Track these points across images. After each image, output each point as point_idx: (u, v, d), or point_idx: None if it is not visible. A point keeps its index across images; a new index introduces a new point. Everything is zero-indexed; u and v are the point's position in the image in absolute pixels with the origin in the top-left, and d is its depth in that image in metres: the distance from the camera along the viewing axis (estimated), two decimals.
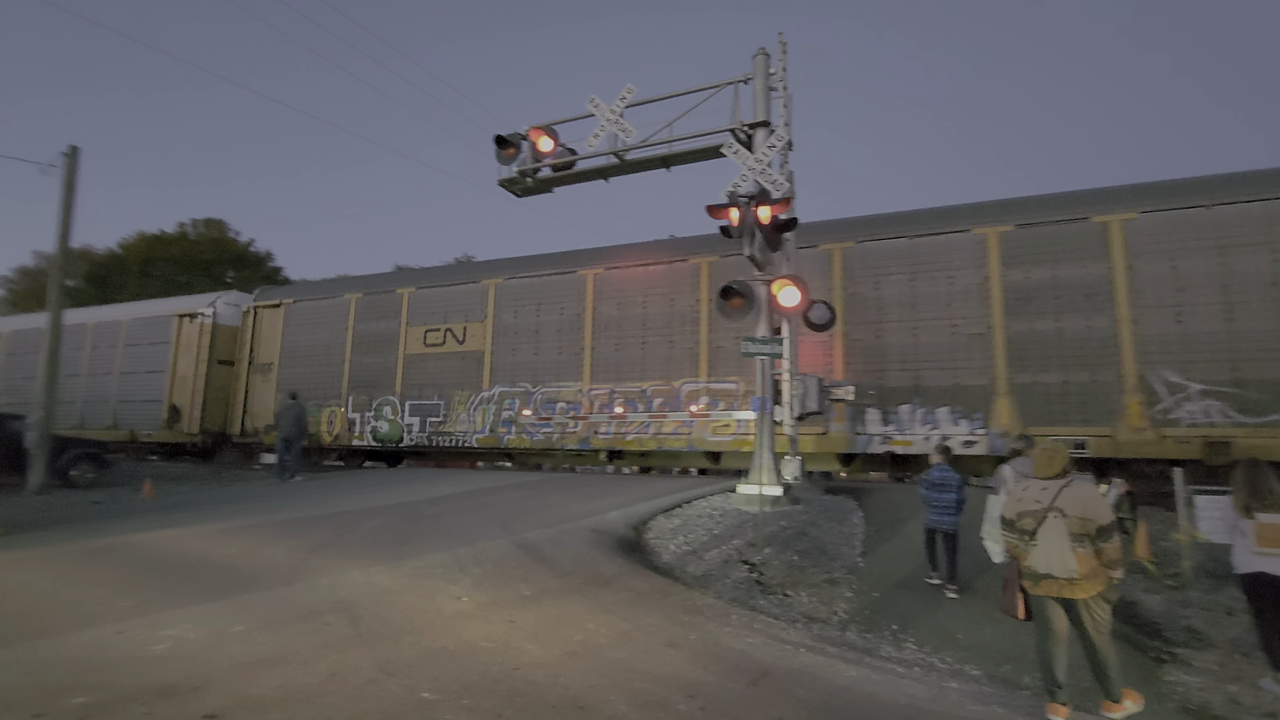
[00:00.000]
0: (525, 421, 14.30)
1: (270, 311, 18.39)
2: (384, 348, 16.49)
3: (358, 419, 16.43)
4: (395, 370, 16.18)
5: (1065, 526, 4.15)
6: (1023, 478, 6.13)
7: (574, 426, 13.93)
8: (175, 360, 18.62)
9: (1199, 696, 4.79)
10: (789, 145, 9.92)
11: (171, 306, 19.82)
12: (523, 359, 14.86)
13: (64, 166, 12.95)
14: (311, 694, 3.60)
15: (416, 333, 16.06)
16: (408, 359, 16.06)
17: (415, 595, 5.49)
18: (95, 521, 8.66)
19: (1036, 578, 4.25)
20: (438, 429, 15.39)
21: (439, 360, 15.76)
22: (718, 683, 4.19)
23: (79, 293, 37.10)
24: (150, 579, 5.73)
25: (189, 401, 18.18)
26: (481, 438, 14.85)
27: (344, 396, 16.76)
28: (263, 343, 18.27)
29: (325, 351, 17.30)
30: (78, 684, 3.59)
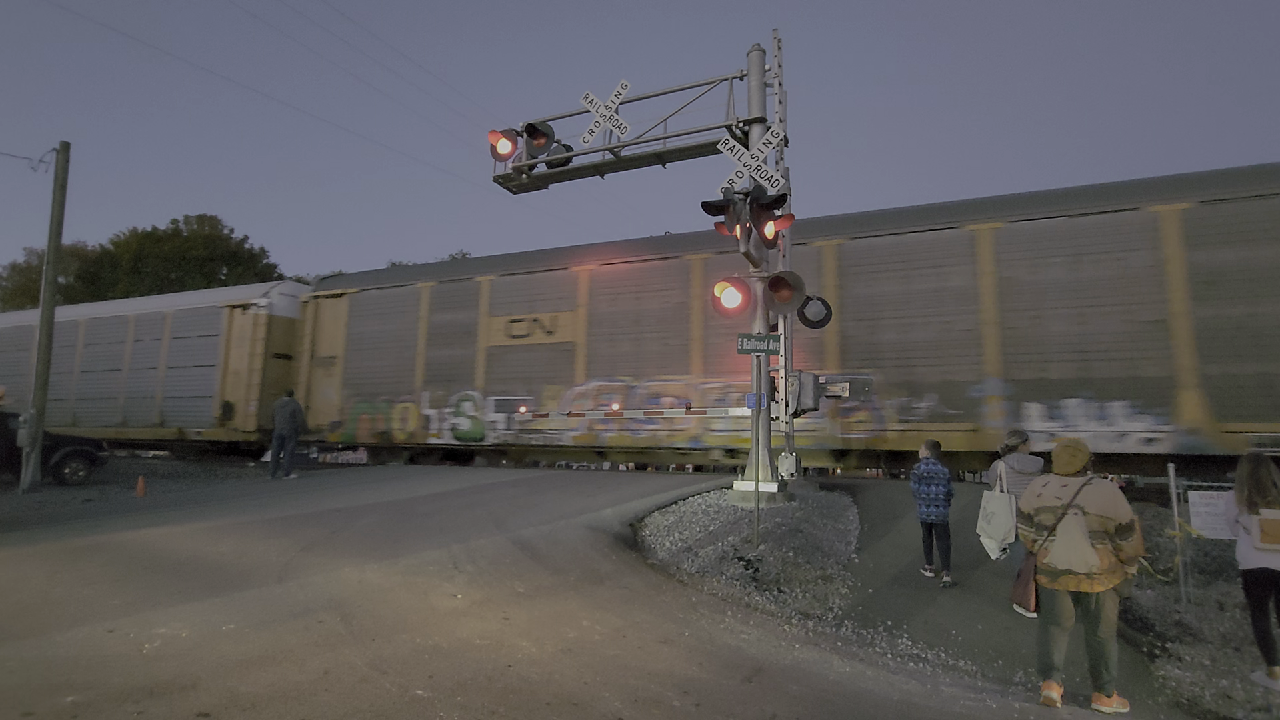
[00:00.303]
0: (627, 418, 13.25)
1: (332, 302, 17.31)
2: (462, 339, 15.42)
3: (434, 415, 15.35)
4: (475, 363, 15.13)
5: (1085, 524, 4.29)
6: (1016, 473, 6.17)
7: (684, 423, 12.89)
8: (227, 354, 17.70)
9: (1191, 691, 4.81)
10: (785, 141, 9.90)
11: (221, 297, 18.95)
12: (622, 350, 13.71)
13: (55, 162, 12.85)
14: (304, 692, 3.58)
15: (498, 323, 15.00)
16: (490, 351, 14.99)
17: (409, 593, 5.47)
18: (87, 519, 8.60)
19: (1055, 573, 4.38)
20: (526, 426, 14.41)
21: (525, 353, 14.69)
22: (712, 679, 4.19)
23: (70, 289, 36.88)
24: (141, 577, 5.70)
25: (243, 397, 17.21)
26: (577, 435, 13.81)
27: (418, 391, 15.62)
28: (324, 335, 17.23)
29: (396, 344, 16.18)
30: (68, 682, 3.57)
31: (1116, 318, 10.55)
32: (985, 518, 6.28)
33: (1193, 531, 6.50)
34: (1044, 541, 4.43)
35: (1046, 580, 4.44)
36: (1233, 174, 10.58)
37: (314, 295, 17.73)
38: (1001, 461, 6.37)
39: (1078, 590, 4.33)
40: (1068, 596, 4.39)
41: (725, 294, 8.76)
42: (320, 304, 17.52)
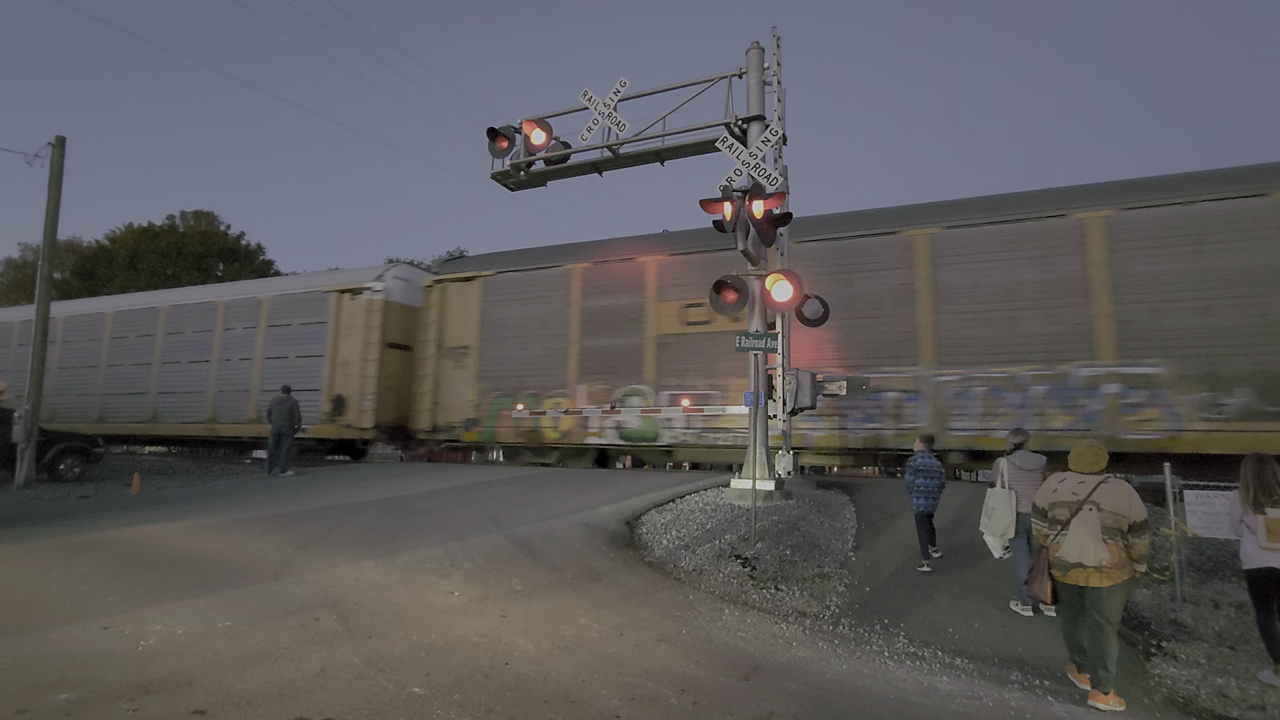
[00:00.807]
0: (855, 414, 11.73)
1: (461, 286, 15.65)
2: (625, 327, 13.77)
3: (594, 413, 13.80)
4: (643, 354, 13.49)
5: (1099, 520, 4.47)
6: (1018, 470, 6.19)
7: (918, 419, 11.40)
8: (335, 343, 16.15)
9: (1186, 689, 4.83)
10: (783, 140, 9.90)
11: (326, 281, 17.43)
12: (830, 337, 12.25)
13: (51, 157, 12.78)
14: (300, 690, 3.57)
15: (671, 308, 13.35)
16: (661, 340, 13.33)
17: (405, 590, 5.46)
18: (82, 516, 8.57)
19: (1066, 566, 4.57)
20: (711, 424, 12.81)
21: (707, 341, 13.01)
22: (709, 677, 4.19)
23: (66, 285, 36.74)
24: (137, 574, 5.67)
25: (356, 391, 15.70)
26: (776, 435, 12.15)
27: (572, 385, 14.06)
28: (453, 323, 15.62)
29: (542, 332, 14.63)
30: (62, 680, 3.55)
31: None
32: (987, 513, 6.30)
33: (1188, 530, 6.52)
34: (1056, 535, 4.62)
35: (1059, 573, 4.65)
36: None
37: (438, 279, 16.09)
38: (1004, 459, 6.39)
39: (1085, 584, 4.51)
40: (1076, 589, 4.60)
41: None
42: (447, 288, 15.85)
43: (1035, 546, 5.01)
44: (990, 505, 6.28)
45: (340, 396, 15.86)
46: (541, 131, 11.24)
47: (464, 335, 15.45)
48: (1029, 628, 5.88)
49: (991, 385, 11.08)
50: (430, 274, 16.73)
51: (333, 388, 16.02)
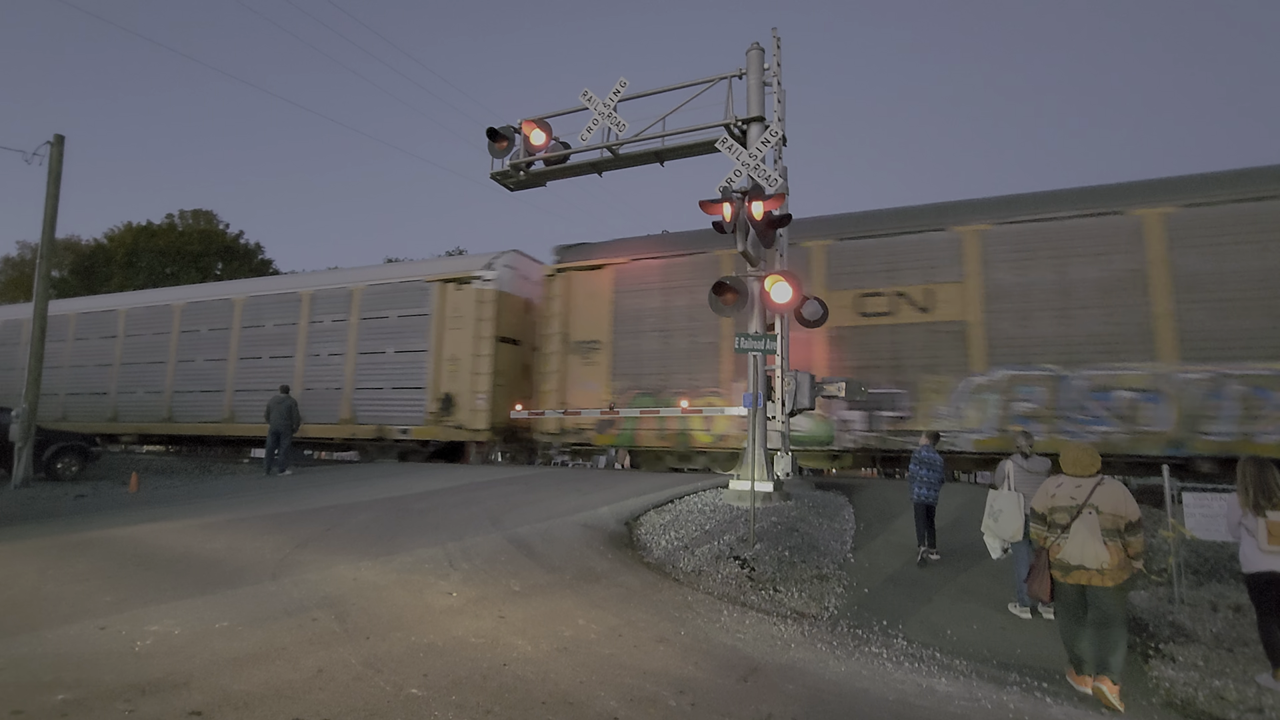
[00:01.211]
0: (1076, 416, 10.55)
1: (588, 275, 14.37)
2: None
3: None
4: (812, 349, 12.49)
5: (1098, 522, 4.55)
6: (1025, 472, 6.20)
7: (1158, 422, 10.15)
8: (439, 337, 15.09)
9: (1184, 691, 4.82)
10: (783, 140, 9.90)
11: (427, 270, 16.24)
12: (1040, 331, 10.96)
13: (49, 156, 12.76)
14: (297, 690, 3.56)
15: (843, 298, 12.25)
16: (832, 333, 12.33)
17: (403, 590, 5.45)
18: (79, 515, 8.55)
19: (1068, 568, 4.64)
20: (897, 426, 11.68)
21: (887, 335, 11.99)
22: (708, 678, 4.18)
23: (64, 283, 36.68)
24: (134, 574, 5.66)
25: (466, 389, 14.61)
26: (982, 439, 11.11)
27: (726, 384, 12.94)
28: (579, 315, 14.31)
29: (688, 325, 13.35)
30: (59, 680, 3.54)
31: None
32: (992, 515, 6.29)
33: (1186, 533, 6.52)
34: (1057, 538, 4.68)
35: (1060, 575, 4.71)
36: None
37: (560, 267, 14.78)
38: (1010, 461, 6.39)
39: (1088, 584, 4.59)
40: (1080, 590, 4.66)
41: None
42: (571, 278, 14.57)
43: (1035, 547, 5.04)
44: (996, 507, 6.27)
45: (449, 395, 14.83)
46: (541, 132, 11.24)
47: (593, 329, 14.10)
48: (1027, 630, 5.88)
49: (1254, 384, 9.72)
50: (546, 262, 15.39)
51: (438, 385, 15.01)
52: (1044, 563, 4.81)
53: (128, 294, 22.27)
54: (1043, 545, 4.83)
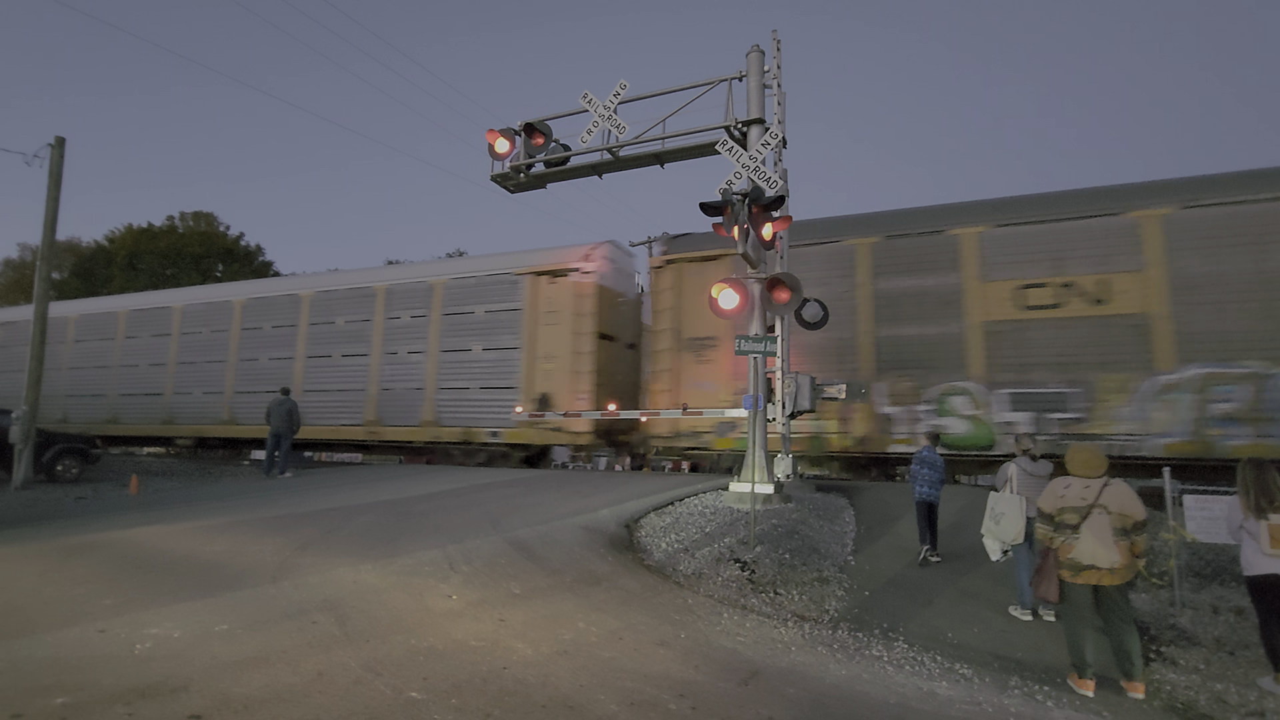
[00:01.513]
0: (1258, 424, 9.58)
1: (703, 267, 13.30)
2: (935, 312, 11.68)
3: (898, 414, 11.77)
4: (965, 344, 11.45)
5: (1108, 523, 4.66)
6: (1028, 475, 6.20)
7: None
8: (532, 333, 14.26)
9: (1186, 695, 4.81)
10: (783, 143, 9.90)
11: (518, 262, 15.06)
12: (1239, 325, 10.01)
13: (50, 158, 12.77)
14: (297, 694, 3.55)
15: (1000, 289, 11.31)
16: (990, 328, 11.30)
17: (404, 593, 5.45)
18: (79, 518, 8.55)
19: (1079, 568, 4.72)
20: (1071, 429, 10.72)
21: (1055, 329, 11.02)
22: (708, 682, 4.18)
23: (64, 285, 36.71)
24: (134, 576, 5.65)
25: (565, 389, 13.68)
26: (1174, 443, 10.20)
27: (866, 382, 12.07)
28: (693, 309, 13.22)
29: None
30: (58, 684, 3.53)
31: None
32: (994, 518, 6.29)
33: (1187, 535, 6.51)
34: (1067, 539, 4.76)
35: (1069, 575, 4.77)
36: None
37: (671, 259, 13.72)
38: (1012, 464, 6.38)
39: (1098, 584, 4.70)
40: (1089, 590, 4.76)
41: (722, 295, 8.75)
42: (683, 270, 13.54)
43: (1039, 549, 5.07)
44: (998, 510, 6.27)
45: (545, 395, 13.96)
46: (541, 134, 11.25)
47: (709, 324, 13.17)
48: (1028, 632, 5.87)
49: None
50: (654, 252, 14.12)
51: (532, 385, 14.11)
52: (1052, 563, 4.85)
53: (181, 290, 21.04)
54: (1050, 546, 4.88)
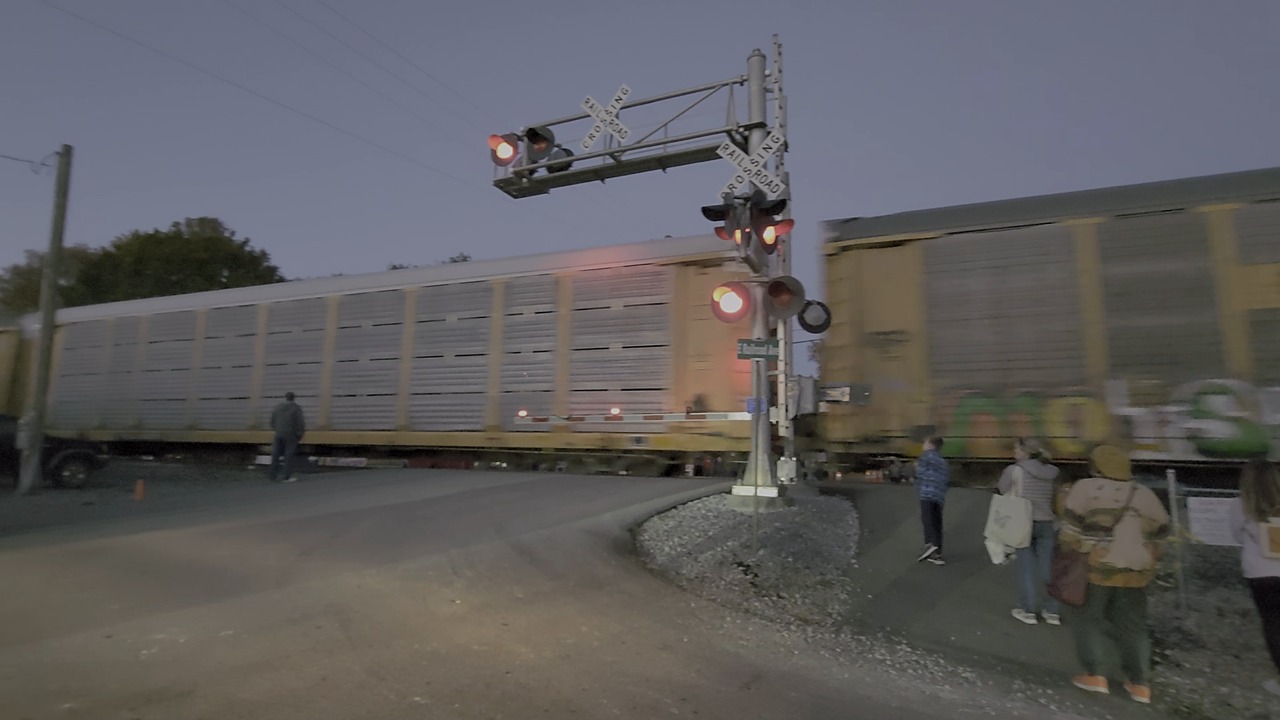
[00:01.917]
0: None
1: (883, 254, 12.30)
2: (1180, 300, 10.43)
3: (1140, 416, 10.52)
4: (1222, 336, 10.16)
5: (1139, 525, 4.72)
6: (1033, 479, 6.19)
7: None
8: (681, 329, 13.04)
9: (1190, 698, 4.79)
10: (785, 146, 9.94)
11: (659, 251, 13.82)
12: None
13: (57, 166, 12.87)
14: (301, 699, 3.58)
15: (1265, 273, 10.05)
16: (1256, 317, 10.02)
17: (407, 598, 5.47)
18: (86, 523, 8.60)
19: (1110, 571, 4.75)
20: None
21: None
22: (711, 686, 4.18)
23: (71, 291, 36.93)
24: (140, 582, 5.69)
25: (724, 390, 12.42)
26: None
27: (1097, 380, 10.80)
28: (875, 300, 12.22)
29: (1032, 309, 11.25)
30: (65, 689, 3.56)
31: None
32: (998, 521, 6.27)
33: (1192, 537, 6.49)
34: (1100, 542, 4.78)
35: (1099, 578, 4.79)
36: None
37: (845, 245, 12.60)
38: (1018, 467, 6.36)
39: (1125, 586, 4.74)
40: (1106, 592, 4.79)
41: (725, 299, 8.76)
42: (862, 257, 12.47)
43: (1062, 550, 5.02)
44: (1003, 513, 6.25)
45: (700, 397, 12.72)
46: (543, 139, 11.31)
47: (896, 316, 12.08)
48: (1032, 636, 5.86)
49: None
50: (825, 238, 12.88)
51: (683, 386, 12.90)
52: (1081, 566, 4.84)
53: (268, 287, 20.00)
54: (1076, 548, 4.87)
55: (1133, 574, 4.72)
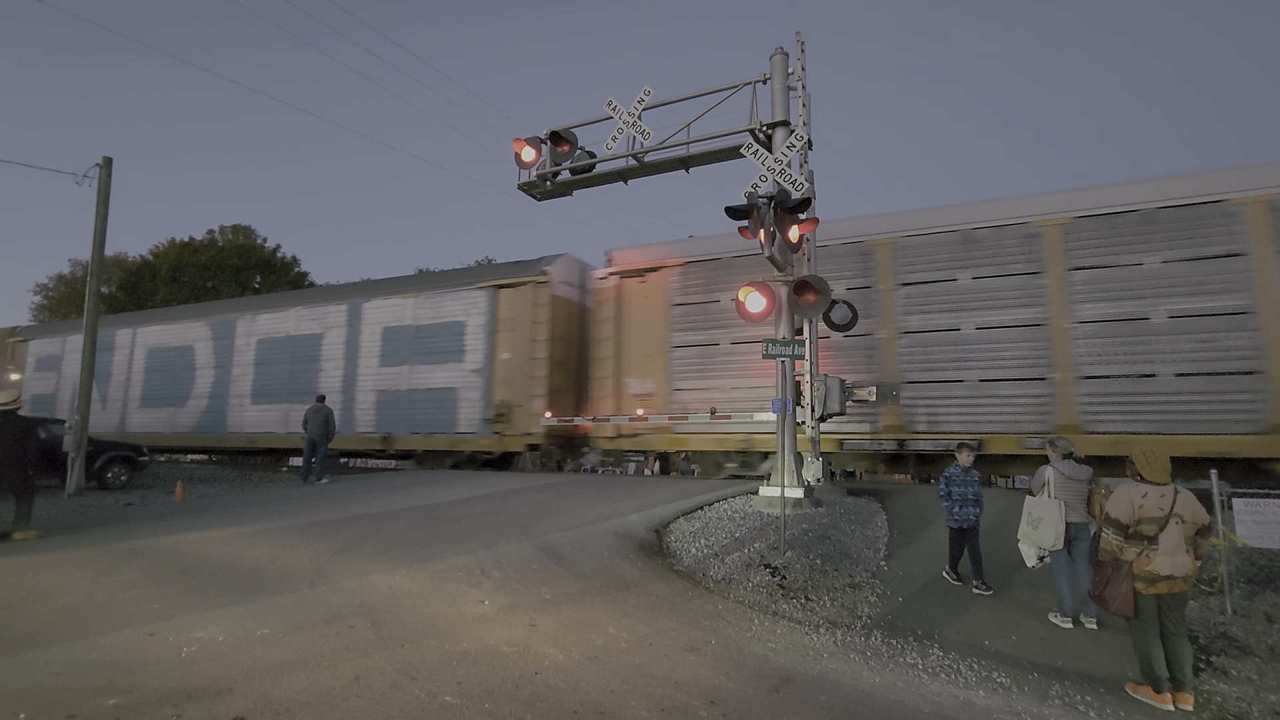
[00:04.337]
0: None
1: None
2: None
3: None
4: None
5: (1182, 531, 4.62)
6: (1066, 479, 6.04)
7: None
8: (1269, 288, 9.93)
9: (1237, 706, 4.64)
10: (808, 144, 9.84)
11: (1221, 184, 10.53)
12: None
13: (98, 177, 13.29)
14: (335, 697, 3.64)
15: None
16: None
17: (437, 598, 5.53)
18: (128, 524, 8.86)
19: (1155, 579, 4.64)
20: None
21: None
22: (739, 689, 4.16)
23: (113, 299, 38.12)
24: (180, 581, 5.85)
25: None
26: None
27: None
28: None
29: None
30: (110, 685, 3.68)
31: None
32: (1031, 523, 6.14)
33: (1238, 540, 6.28)
34: (1145, 550, 4.66)
35: (1144, 587, 4.67)
36: None
37: None
38: (1049, 467, 6.22)
39: (1170, 593, 4.63)
40: (1155, 600, 4.68)
41: (749, 298, 8.71)
42: None
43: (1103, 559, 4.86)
44: (1035, 515, 6.12)
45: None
46: (567, 142, 11.35)
47: None
48: (1069, 640, 5.72)
49: None
50: None
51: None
52: (1126, 576, 4.70)
53: None
54: (1119, 557, 4.73)
55: (1176, 581, 4.61)
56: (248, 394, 18.87)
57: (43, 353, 23.50)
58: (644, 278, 14.67)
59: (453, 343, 16.19)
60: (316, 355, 18.09)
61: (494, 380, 15.50)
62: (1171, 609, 4.69)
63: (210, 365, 19.84)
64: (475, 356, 15.85)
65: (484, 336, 15.83)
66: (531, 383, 15.13)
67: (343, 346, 17.72)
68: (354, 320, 17.71)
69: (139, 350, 21.41)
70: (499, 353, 15.56)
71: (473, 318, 16.07)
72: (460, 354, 16.06)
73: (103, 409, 21.06)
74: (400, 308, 17.12)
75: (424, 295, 16.90)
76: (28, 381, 23.23)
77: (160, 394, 20.60)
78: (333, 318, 18.13)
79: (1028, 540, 6.22)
